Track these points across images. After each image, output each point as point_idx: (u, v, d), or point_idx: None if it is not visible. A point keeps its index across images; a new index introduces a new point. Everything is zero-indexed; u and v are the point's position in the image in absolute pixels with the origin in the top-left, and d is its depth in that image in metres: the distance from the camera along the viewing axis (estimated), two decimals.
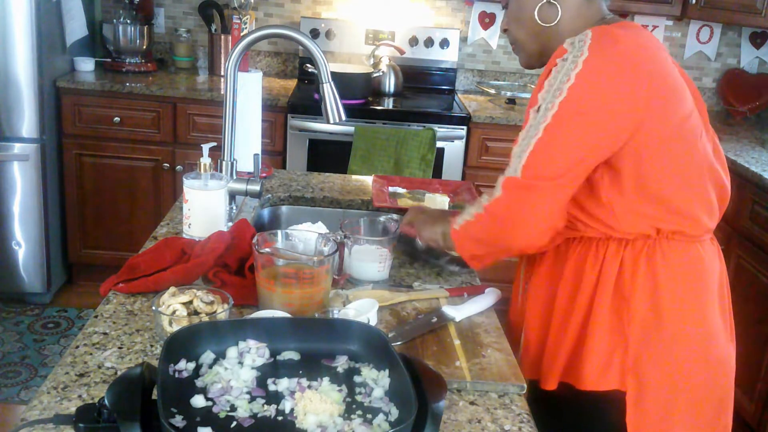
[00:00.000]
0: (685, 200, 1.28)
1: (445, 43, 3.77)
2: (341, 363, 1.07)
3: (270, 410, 0.96)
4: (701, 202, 1.30)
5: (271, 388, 1.01)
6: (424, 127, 3.26)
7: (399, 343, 1.29)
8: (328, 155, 3.29)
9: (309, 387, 1.01)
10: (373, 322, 1.30)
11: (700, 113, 1.31)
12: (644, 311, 1.28)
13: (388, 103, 3.51)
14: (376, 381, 1.03)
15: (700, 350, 1.31)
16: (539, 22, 1.32)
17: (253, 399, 0.98)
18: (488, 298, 1.48)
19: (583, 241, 1.33)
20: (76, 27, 3.37)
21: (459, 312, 1.40)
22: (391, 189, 2.07)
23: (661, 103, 1.22)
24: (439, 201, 1.94)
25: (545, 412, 1.34)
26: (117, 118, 3.28)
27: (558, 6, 1.31)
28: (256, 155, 1.86)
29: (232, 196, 1.75)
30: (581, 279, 1.32)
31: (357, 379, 1.04)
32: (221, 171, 1.73)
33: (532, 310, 1.42)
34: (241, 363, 1.04)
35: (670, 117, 1.23)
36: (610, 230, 1.29)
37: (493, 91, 3.71)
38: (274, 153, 3.30)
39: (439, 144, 3.25)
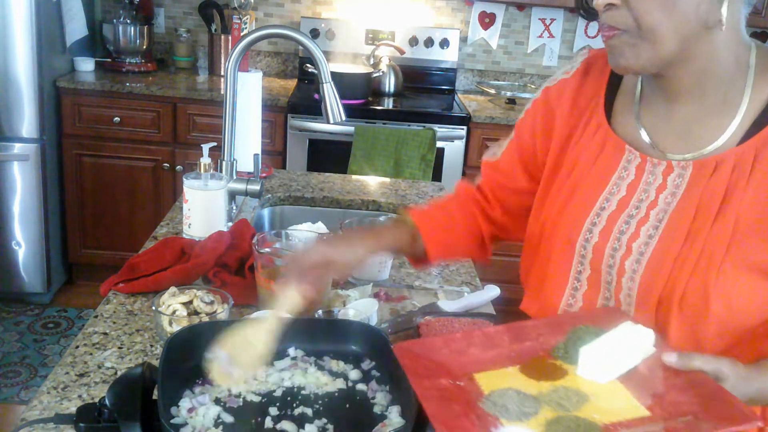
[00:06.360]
0: None
1: (445, 43, 3.77)
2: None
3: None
4: None
5: None
6: (424, 127, 3.26)
7: (390, 333, 1.29)
8: (328, 155, 3.28)
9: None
10: (373, 322, 1.30)
11: None
12: None
13: (388, 103, 3.51)
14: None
15: None
16: (698, 19, 0.93)
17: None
18: (486, 295, 1.48)
19: None
20: (76, 27, 3.36)
21: (453, 306, 1.40)
22: None
23: None
24: None
25: None
26: (117, 118, 3.28)
27: (726, 6, 0.94)
28: (256, 155, 1.86)
29: (232, 196, 1.75)
30: None
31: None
32: (221, 171, 1.73)
33: None
34: None
35: None
36: None
37: (493, 91, 3.71)
38: (274, 153, 3.30)
39: (439, 144, 3.25)
